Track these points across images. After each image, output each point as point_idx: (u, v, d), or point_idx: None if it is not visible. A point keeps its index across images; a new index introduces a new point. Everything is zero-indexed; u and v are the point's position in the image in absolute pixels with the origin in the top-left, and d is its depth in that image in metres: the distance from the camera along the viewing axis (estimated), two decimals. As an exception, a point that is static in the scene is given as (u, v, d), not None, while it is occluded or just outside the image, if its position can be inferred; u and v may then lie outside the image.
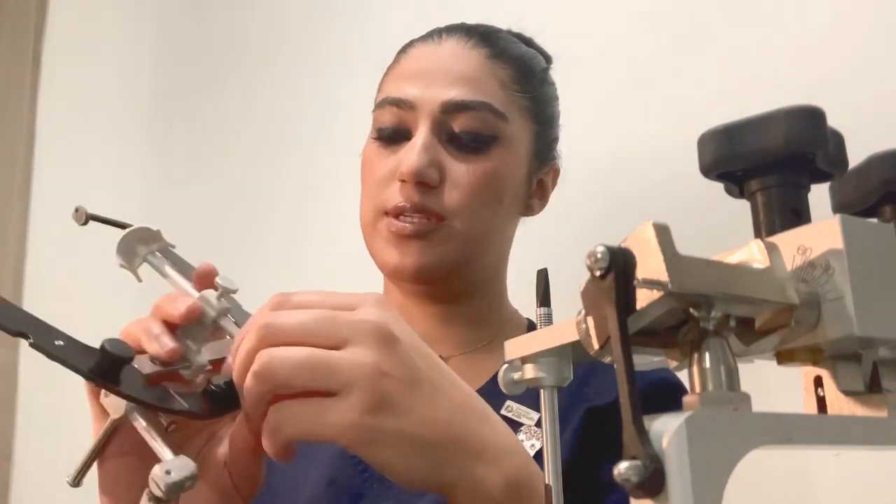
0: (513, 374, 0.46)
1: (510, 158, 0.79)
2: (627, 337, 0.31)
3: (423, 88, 0.77)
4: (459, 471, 0.48)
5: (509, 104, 0.80)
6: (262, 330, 0.48)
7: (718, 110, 0.47)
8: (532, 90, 0.83)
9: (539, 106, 0.84)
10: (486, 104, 0.77)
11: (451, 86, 0.77)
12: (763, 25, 1.09)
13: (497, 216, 0.80)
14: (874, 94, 0.97)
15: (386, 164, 0.78)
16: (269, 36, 1.79)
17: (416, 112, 0.77)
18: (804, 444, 0.32)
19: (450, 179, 0.76)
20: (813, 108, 0.39)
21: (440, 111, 0.77)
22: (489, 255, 0.82)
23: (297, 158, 1.63)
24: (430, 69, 0.79)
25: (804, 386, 0.40)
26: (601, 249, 0.32)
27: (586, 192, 1.22)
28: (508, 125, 0.79)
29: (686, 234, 0.37)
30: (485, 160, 0.77)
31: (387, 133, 0.79)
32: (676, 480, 0.28)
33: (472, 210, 0.77)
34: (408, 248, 0.76)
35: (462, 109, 0.76)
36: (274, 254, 1.64)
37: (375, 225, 0.78)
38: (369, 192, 0.79)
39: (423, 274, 0.77)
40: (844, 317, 0.33)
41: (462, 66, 0.78)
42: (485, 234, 0.79)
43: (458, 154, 0.77)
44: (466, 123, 0.77)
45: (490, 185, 0.78)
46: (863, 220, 0.35)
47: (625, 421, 0.29)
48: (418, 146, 0.75)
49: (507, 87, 0.80)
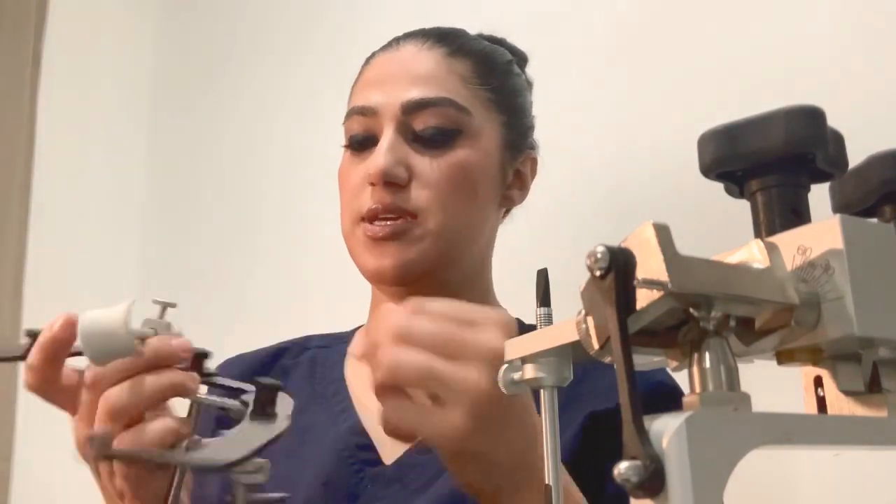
0: (513, 374, 0.46)
1: (477, 151, 0.80)
2: (627, 337, 0.31)
3: (384, 93, 0.79)
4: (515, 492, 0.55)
5: (471, 98, 0.81)
6: (400, 330, 0.54)
7: (718, 110, 0.47)
8: (494, 82, 0.84)
9: (504, 97, 0.85)
10: (447, 99, 0.79)
11: (411, 86, 0.79)
12: (763, 25, 1.09)
13: (472, 209, 0.81)
14: (874, 94, 0.97)
15: (357, 171, 0.80)
16: (269, 36, 1.79)
17: (379, 117, 0.79)
18: (804, 444, 0.32)
19: (418, 176, 0.77)
20: (813, 108, 0.39)
21: (402, 112, 0.78)
22: (469, 249, 0.82)
23: (299, 158, 1.63)
24: (389, 74, 0.81)
25: (804, 386, 0.40)
26: (601, 249, 0.32)
27: (586, 191, 1.22)
28: (472, 118, 0.80)
29: (686, 234, 0.37)
30: (450, 154, 0.78)
31: (356, 141, 0.81)
32: (676, 480, 0.28)
33: (444, 205, 0.78)
34: (384, 250, 0.77)
35: (423, 107, 0.78)
36: (273, 251, 1.64)
37: (353, 232, 0.80)
38: (346, 200, 0.81)
39: (402, 274, 0.77)
40: (844, 317, 0.33)
41: (420, 67, 0.80)
42: (460, 227, 0.80)
43: (423, 151, 0.78)
44: (428, 120, 0.78)
45: (459, 178, 0.79)
46: (863, 220, 0.35)
47: (625, 421, 0.29)
48: (384, 147, 0.77)
49: (467, 81, 0.81)
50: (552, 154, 1.26)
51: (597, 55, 1.24)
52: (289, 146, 1.67)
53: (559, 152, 1.26)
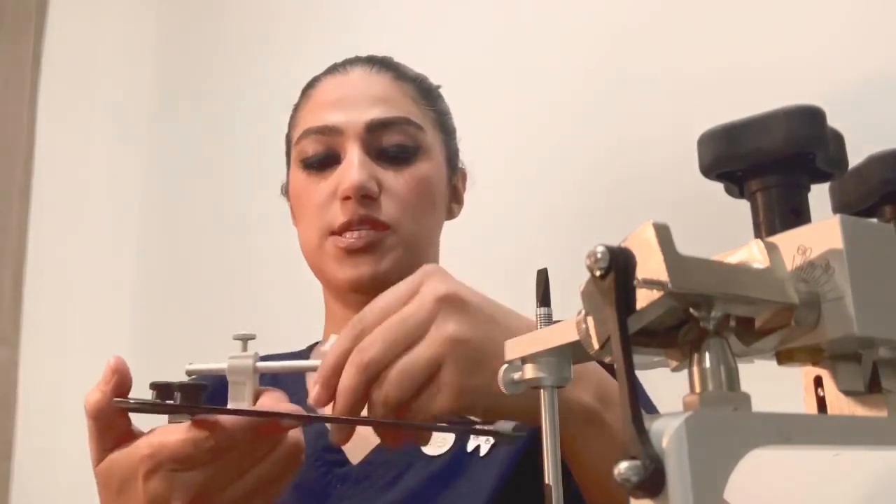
0: (513, 374, 0.46)
1: (433, 166, 0.86)
2: (627, 337, 0.31)
3: (345, 113, 0.83)
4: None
5: (423, 117, 0.87)
6: (359, 367, 0.52)
7: (718, 110, 0.47)
8: (434, 104, 0.90)
9: (443, 118, 0.91)
10: (406, 118, 0.84)
11: (372, 106, 0.83)
12: (763, 25, 1.09)
13: (433, 221, 0.87)
14: (874, 94, 0.97)
15: (321, 188, 0.83)
16: (269, 37, 1.79)
17: (343, 135, 0.82)
18: (804, 444, 0.32)
19: (386, 190, 0.82)
20: (813, 108, 0.39)
21: (366, 130, 0.82)
22: (427, 257, 0.87)
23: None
24: (346, 95, 0.85)
25: (804, 386, 0.40)
26: (601, 249, 0.32)
27: (586, 191, 1.22)
28: (426, 135, 0.86)
29: (686, 234, 0.37)
30: (413, 168, 0.83)
31: (315, 161, 0.84)
32: (676, 480, 0.28)
33: (413, 216, 0.83)
34: (359, 260, 0.80)
35: (386, 126, 0.83)
36: (273, 253, 1.64)
37: (322, 246, 0.82)
38: (310, 218, 0.84)
39: (378, 283, 0.79)
40: (844, 317, 0.33)
41: (376, 89, 0.85)
42: (425, 237, 0.85)
43: (388, 167, 0.83)
44: (392, 138, 0.83)
45: (423, 191, 0.84)
46: (863, 220, 0.35)
47: (625, 421, 0.29)
48: (355, 163, 0.80)
49: (417, 102, 0.87)
50: (552, 154, 1.27)
51: (597, 55, 1.24)
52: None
53: (559, 152, 1.26)
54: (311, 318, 0.97)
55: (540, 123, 1.27)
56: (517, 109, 1.19)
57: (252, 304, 1.64)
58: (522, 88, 1.29)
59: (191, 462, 0.52)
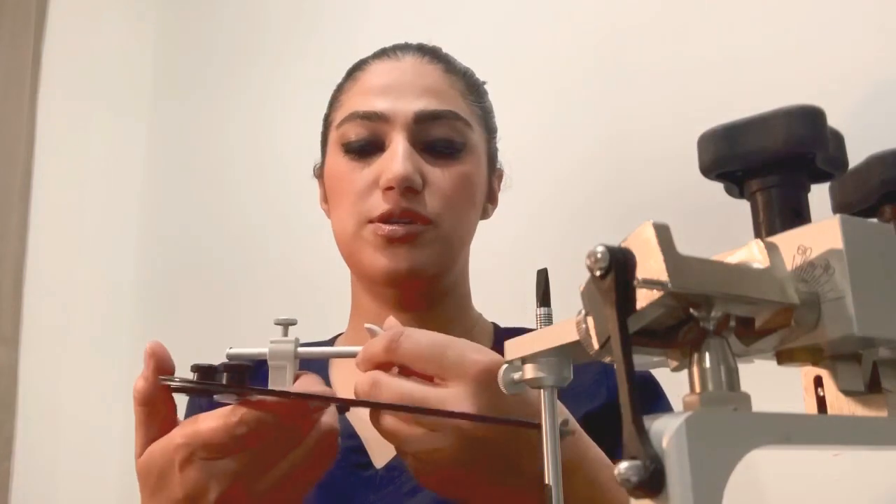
0: (513, 374, 0.46)
1: (477, 163, 0.84)
2: (627, 337, 0.31)
3: (393, 101, 0.80)
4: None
5: (470, 113, 0.84)
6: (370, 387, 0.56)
7: (718, 110, 0.47)
8: (481, 101, 0.88)
9: (487, 115, 0.89)
10: (455, 113, 0.82)
11: (421, 97, 0.81)
12: (763, 25, 1.09)
13: (472, 219, 0.85)
14: (874, 94, 0.97)
15: (363, 175, 0.80)
16: (268, 36, 1.79)
17: (389, 123, 0.80)
18: (804, 444, 0.32)
19: (430, 184, 0.80)
20: (813, 108, 0.39)
21: (413, 121, 0.80)
22: (462, 255, 0.86)
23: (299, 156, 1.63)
24: (395, 83, 0.82)
25: (804, 386, 0.40)
26: (601, 249, 0.32)
27: (586, 191, 1.22)
28: (473, 132, 0.84)
29: (686, 234, 0.37)
30: (458, 165, 0.81)
31: (358, 146, 0.81)
32: (676, 480, 0.28)
33: (455, 212, 0.81)
34: (398, 251, 0.78)
35: (434, 119, 0.80)
36: (272, 251, 1.65)
37: (359, 233, 0.80)
38: (348, 204, 0.81)
39: (414, 276, 0.79)
40: (844, 317, 0.33)
41: (426, 80, 0.83)
42: (463, 234, 0.84)
43: (433, 161, 0.81)
44: (439, 132, 0.81)
45: (466, 188, 0.82)
46: (863, 220, 0.35)
47: (625, 421, 0.29)
48: (400, 154, 0.78)
49: (465, 97, 0.85)
50: (552, 154, 1.27)
51: (597, 55, 1.24)
52: (289, 145, 1.67)
53: (559, 152, 1.26)
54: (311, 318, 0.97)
55: (539, 124, 1.28)
56: (517, 109, 1.19)
57: (252, 305, 1.64)
58: (522, 88, 1.29)
59: (225, 449, 0.52)
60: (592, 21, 1.26)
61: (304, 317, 1.30)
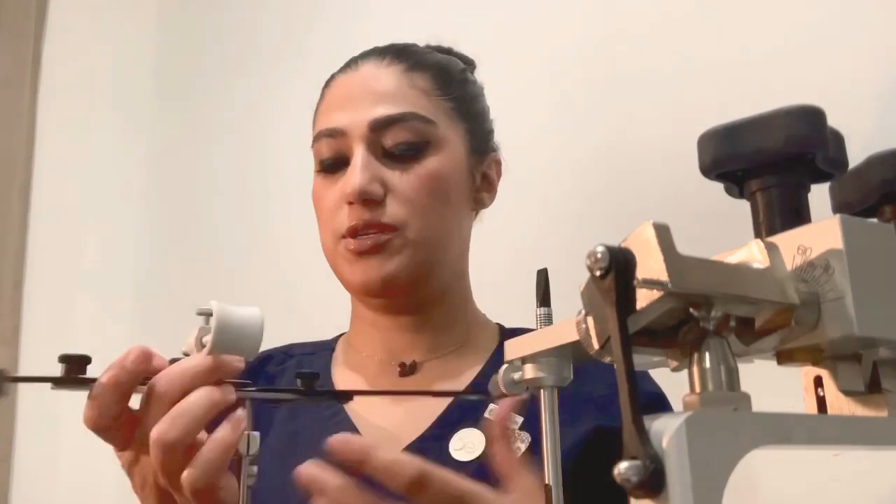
0: (513, 374, 0.46)
1: (446, 159, 0.83)
2: (627, 337, 0.31)
3: (350, 113, 0.81)
4: None
5: (434, 109, 0.83)
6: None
7: (718, 110, 0.47)
8: (453, 91, 0.86)
9: (464, 105, 0.87)
10: (412, 113, 0.81)
11: (376, 104, 0.81)
12: (763, 25, 1.08)
13: (446, 216, 0.83)
14: (874, 94, 0.97)
15: (332, 192, 0.82)
16: (268, 36, 1.79)
17: (348, 137, 0.81)
18: (804, 444, 0.32)
19: (392, 191, 0.80)
20: (813, 108, 0.39)
21: (369, 130, 0.80)
22: (447, 255, 0.84)
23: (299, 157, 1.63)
24: (352, 94, 0.83)
25: (804, 386, 0.40)
26: (601, 249, 0.32)
27: (586, 191, 1.22)
28: (437, 128, 0.82)
29: (686, 234, 0.37)
30: (421, 165, 0.81)
31: (327, 164, 0.82)
32: (676, 480, 0.28)
33: (421, 214, 0.80)
34: (368, 262, 0.79)
35: (390, 124, 0.80)
36: (276, 254, 1.65)
37: (336, 249, 0.81)
38: (325, 221, 0.83)
39: (389, 285, 0.79)
40: (844, 317, 0.33)
41: (381, 84, 0.83)
42: (439, 234, 0.82)
43: (395, 166, 0.81)
44: (397, 136, 0.80)
45: (432, 187, 0.81)
46: (863, 220, 0.35)
47: (625, 421, 0.29)
48: (357, 166, 0.79)
49: (429, 93, 0.84)
50: (552, 154, 1.27)
51: (597, 54, 1.24)
52: (289, 145, 1.67)
53: (559, 152, 1.26)
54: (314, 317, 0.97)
55: (539, 123, 1.27)
56: (516, 108, 1.19)
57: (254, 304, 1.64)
58: (521, 88, 1.29)
59: None
60: (593, 23, 1.26)
61: (306, 316, 1.30)
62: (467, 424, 0.75)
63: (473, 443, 0.74)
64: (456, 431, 0.75)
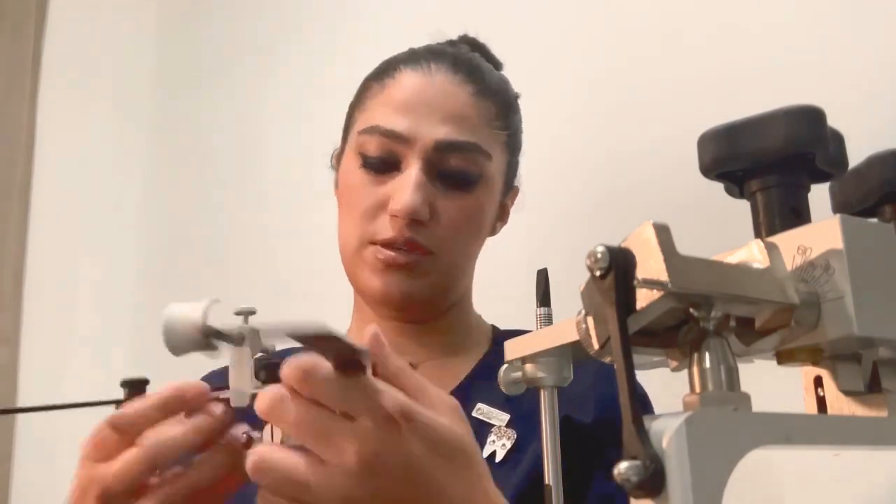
0: (513, 374, 0.46)
1: (490, 194, 0.83)
2: (627, 337, 0.31)
3: (415, 123, 0.79)
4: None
5: (493, 141, 0.83)
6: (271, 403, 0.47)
7: (718, 110, 0.47)
8: (510, 124, 0.86)
9: (515, 137, 0.88)
10: (476, 145, 0.80)
11: (444, 123, 0.79)
12: (763, 25, 1.08)
13: (474, 245, 0.85)
14: (874, 94, 0.97)
15: (373, 193, 0.80)
16: (268, 34, 1.79)
17: (407, 146, 0.79)
18: (804, 444, 0.32)
19: (438, 215, 0.79)
20: (813, 108, 0.39)
21: (433, 149, 0.78)
22: (462, 279, 0.86)
23: (298, 156, 1.63)
24: (421, 102, 0.80)
25: (804, 386, 0.40)
26: (601, 249, 0.32)
27: (586, 191, 1.22)
28: (492, 163, 0.82)
29: (686, 234, 0.37)
30: (471, 198, 0.81)
31: (372, 162, 0.80)
32: (676, 480, 0.28)
33: (457, 244, 0.81)
34: (394, 277, 0.78)
35: (454, 150, 0.79)
36: (276, 252, 1.65)
37: (361, 252, 0.80)
38: (355, 220, 0.81)
39: (406, 302, 0.79)
40: (844, 317, 0.33)
41: (452, 103, 0.81)
42: (462, 262, 0.84)
43: (445, 191, 0.80)
44: (457, 163, 0.79)
45: (474, 220, 0.82)
46: (863, 220, 0.35)
47: (625, 421, 0.29)
48: (412, 184, 0.77)
49: (491, 124, 0.83)
50: (552, 154, 1.27)
51: (596, 55, 1.24)
52: (290, 141, 1.67)
53: (559, 152, 1.26)
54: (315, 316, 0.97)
55: (539, 124, 1.27)
56: (517, 109, 1.19)
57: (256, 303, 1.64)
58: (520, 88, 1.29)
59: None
60: (594, 25, 1.26)
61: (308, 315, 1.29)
62: None
63: None
64: None
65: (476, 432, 0.76)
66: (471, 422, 0.76)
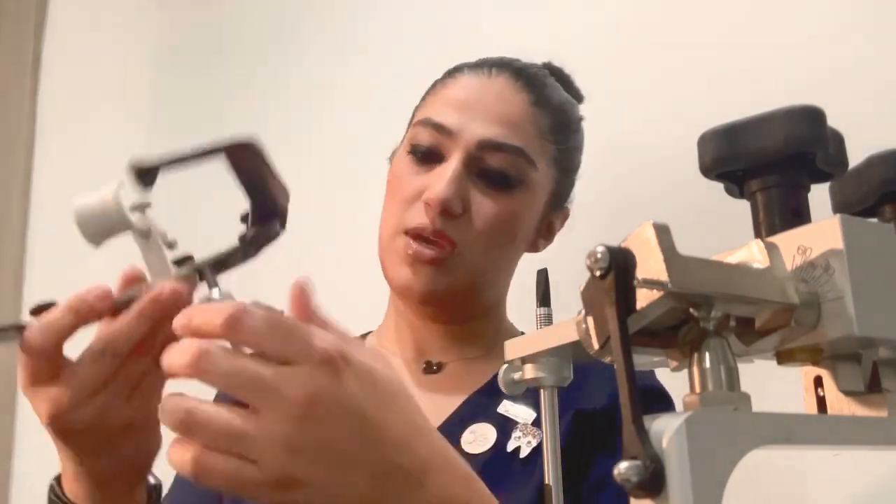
0: (513, 374, 0.46)
1: (530, 202, 0.83)
2: (627, 337, 0.31)
3: (464, 119, 0.81)
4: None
5: (541, 152, 0.83)
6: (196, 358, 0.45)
7: (718, 110, 0.47)
8: (564, 141, 0.86)
9: (567, 156, 0.88)
10: (520, 150, 0.81)
11: (492, 124, 0.80)
12: (763, 25, 1.08)
13: (505, 254, 0.85)
14: (874, 94, 0.97)
15: (414, 182, 0.81)
16: (268, 33, 1.79)
17: (453, 140, 0.80)
18: (804, 444, 0.32)
19: (471, 211, 0.80)
20: (813, 108, 0.39)
21: (476, 146, 0.79)
22: (493, 287, 0.86)
23: (302, 152, 1.63)
24: (475, 102, 0.82)
25: (804, 386, 0.40)
26: (601, 249, 0.32)
27: (586, 191, 1.22)
28: (536, 172, 0.83)
29: (686, 234, 0.37)
30: (507, 200, 0.81)
31: (420, 151, 0.82)
32: (676, 480, 0.28)
33: (485, 244, 0.81)
34: (420, 271, 0.79)
35: (497, 149, 0.80)
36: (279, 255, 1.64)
37: (393, 241, 0.81)
38: (393, 207, 0.83)
39: (428, 298, 0.80)
40: (844, 317, 0.33)
41: (506, 107, 0.82)
42: (490, 268, 0.83)
43: (483, 189, 0.81)
44: (497, 163, 0.80)
45: (507, 224, 0.82)
46: (863, 220, 0.35)
47: (625, 421, 0.29)
48: (448, 176, 0.78)
49: (543, 136, 0.83)
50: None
51: (596, 55, 1.24)
52: (290, 146, 1.67)
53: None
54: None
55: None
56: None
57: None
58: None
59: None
60: (593, 22, 1.26)
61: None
62: (480, 419, 0.77)
63: (485, 436, 0.76)
64: (469, 425, 0.77)
65: (501, 429, 0.77)
66: (496, 418, 0.76)
